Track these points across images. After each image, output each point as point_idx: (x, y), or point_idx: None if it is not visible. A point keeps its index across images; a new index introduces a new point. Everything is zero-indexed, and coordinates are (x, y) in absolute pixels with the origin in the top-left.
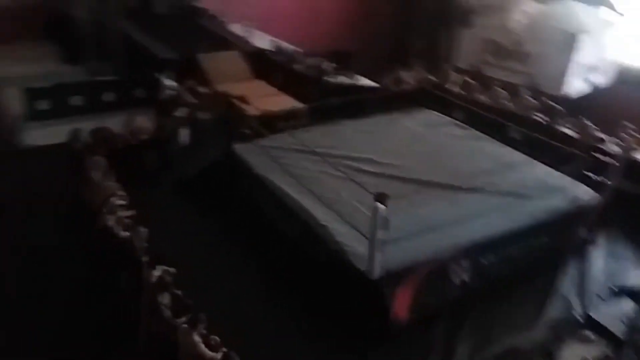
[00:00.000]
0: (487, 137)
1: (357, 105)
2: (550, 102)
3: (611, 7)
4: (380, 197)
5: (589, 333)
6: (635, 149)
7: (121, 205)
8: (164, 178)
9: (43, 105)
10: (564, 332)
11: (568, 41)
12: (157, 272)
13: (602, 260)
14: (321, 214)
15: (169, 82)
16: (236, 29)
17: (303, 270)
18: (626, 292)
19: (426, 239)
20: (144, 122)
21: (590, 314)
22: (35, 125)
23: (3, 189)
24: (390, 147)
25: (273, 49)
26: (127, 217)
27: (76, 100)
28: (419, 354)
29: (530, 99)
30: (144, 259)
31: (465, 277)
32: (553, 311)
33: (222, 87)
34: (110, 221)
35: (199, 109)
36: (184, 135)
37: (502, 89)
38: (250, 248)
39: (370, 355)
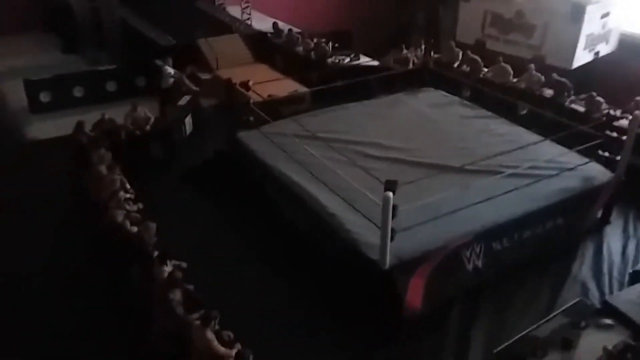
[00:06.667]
0: (494, 115)
1: (360, 86)
2: (559, 78)
3: None
4: (390, 185)
5: (607, 320)
6: None
7: (128, 199)
8: (170, 168)
9: (45, 97)
10: (581, 319)
11: (577, 12)
12: (167, 268)
13: (618, 241)
14: (329, 202)
15: (170, 70)
16: (235, 11)
17: (313, 260)
18: None
19: (438, 225)
20: (146, 112)
21: (607, 299)
22: (39, 118)
23: (8, 183)
24: (397, 129)
25: (273, 31)
26: (135, 211)
27: (78, 91)
28: (435, 341)
29: (537, 74)
30: (154, 254)
31: (479, 263)
32: (569, 297)
33: (224, 72)
34: (119, 216)
35: (201, 96)
36: (187, 123)
37: (508, 63)
38: (259, 238)
39: (386, 343)
